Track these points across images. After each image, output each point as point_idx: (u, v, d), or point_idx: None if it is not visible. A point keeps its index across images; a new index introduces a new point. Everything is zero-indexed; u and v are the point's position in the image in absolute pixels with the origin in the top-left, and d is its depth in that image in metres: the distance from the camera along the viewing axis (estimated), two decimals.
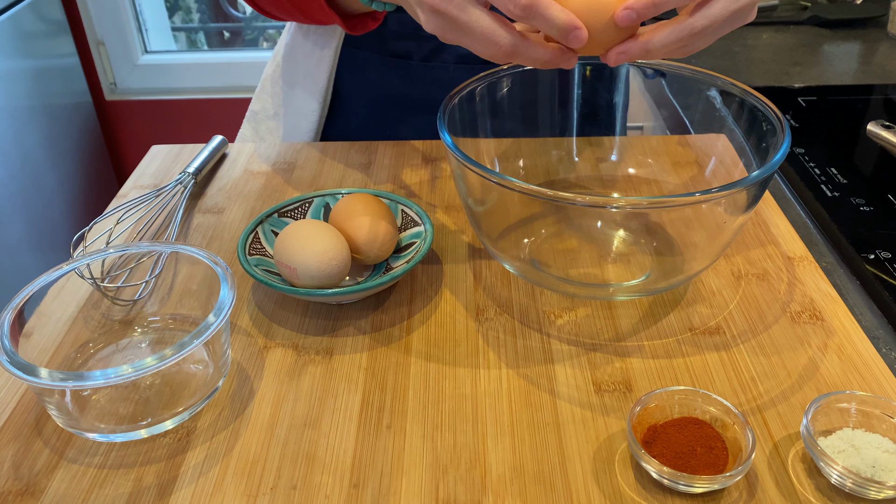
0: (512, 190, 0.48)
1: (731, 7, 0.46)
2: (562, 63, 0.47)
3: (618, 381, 0.49)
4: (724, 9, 0.46)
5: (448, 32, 0.46)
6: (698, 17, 0.46)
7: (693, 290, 0.57)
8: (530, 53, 0.46)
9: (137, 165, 0.76)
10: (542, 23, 0.43)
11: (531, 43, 0.45)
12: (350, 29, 0.65)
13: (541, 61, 0.46)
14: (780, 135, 0.53)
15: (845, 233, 0.68)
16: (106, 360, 0.51)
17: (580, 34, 0.44)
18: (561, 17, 0.43)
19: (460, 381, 0.49)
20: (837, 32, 1.15)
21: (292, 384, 0.50)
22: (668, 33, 0.46)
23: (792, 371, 0.50)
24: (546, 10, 0.43)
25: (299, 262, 0.53)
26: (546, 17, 0.43)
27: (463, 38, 0.46)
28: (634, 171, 0.69)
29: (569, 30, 0.44)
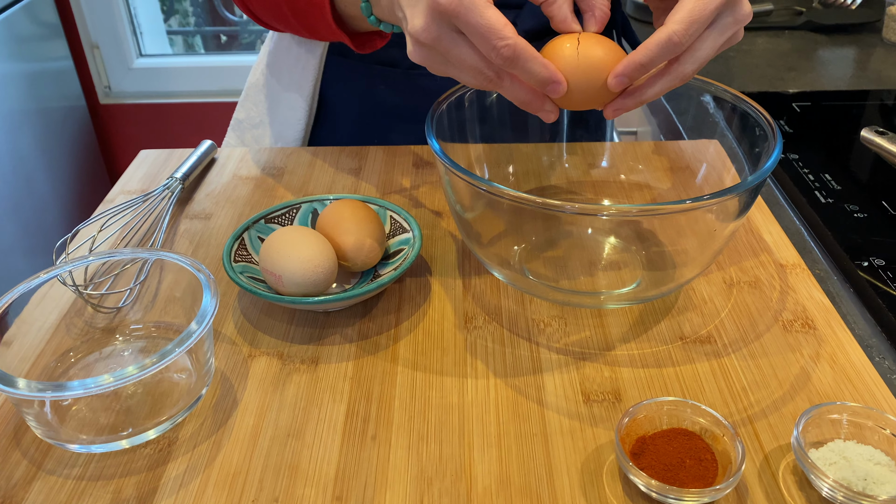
0: (500, 198, 0.47)
1: (719, 42, 0.46)
2: (541, 113, 0.48)
3: (607, 390, 0.49)
4: (712, 48, 0.46)
5: (436, 65, 0.47)
6: (688, 63, 0.46)
7: (684, 297, 0.56)
8: (513, 91, 0.47)
9: (128, 168, 0.75)
10: (523, 74, 0.45)
11: (516, 81, 0.47)
12: (358, 47, 0.65)
13: (520, 101, 0.47)
14: (771, 141, 0.52)
15: (839, 240, 0.67)
16: (87, 369, 0.51)
17: (558, 87, 0.45)
18: (541, 70, 0.44)
19: (447, 390, 0.48)
20: (832, 38, 1.15)
21: (276, 394, 0.49)
22: (661, 85, 0.47)
23: (783, 381, 0.49)
24: (527, 62, 0.44)
25: (284, 269, 0.52)
26: (526, 69, 0.44)
27: (450, 70, 0.47)
28: (625, 177, 0.69)
29: (547, 82, 0.45)
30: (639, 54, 0.44)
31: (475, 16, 0.43)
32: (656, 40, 0.44)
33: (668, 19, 0.44)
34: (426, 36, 0.45)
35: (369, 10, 0.56)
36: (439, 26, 0.44)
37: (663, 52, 0.44)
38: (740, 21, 0.47)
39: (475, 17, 0.43)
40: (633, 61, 0.45)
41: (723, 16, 0.46)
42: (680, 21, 0.44)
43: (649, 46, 0.44)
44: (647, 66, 0.45)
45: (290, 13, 0.66)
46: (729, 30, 0.46)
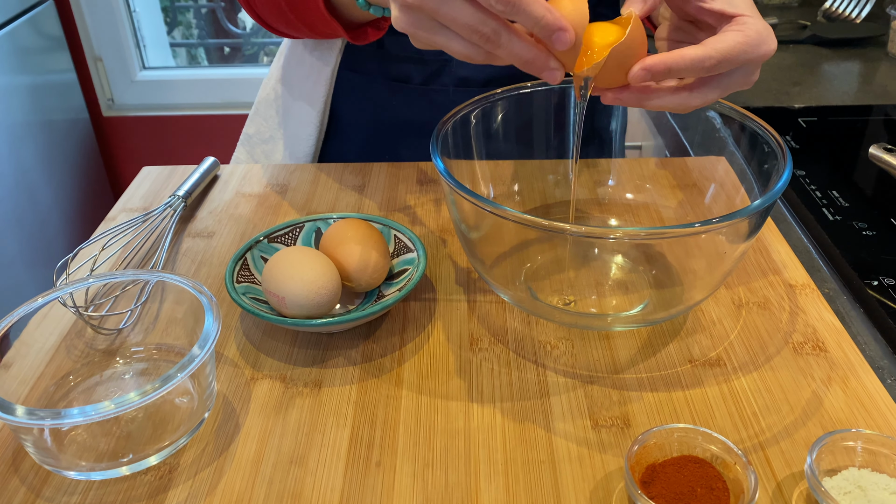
0: (506, 219, 0.47)
1: (724, 92, 0.48)
2: (545, 72, 0.44)
3: (615, 415, 0.48)
4: (718, 94, 0.48)
5: (424, 31, 0.43)
6: (696, 97, 0.47)
7: (693, 319, 0.56)
8: (513, 48, 0.42)
9: (128, 187, 0.75)
10: (527, 20, 0.41)
11: (515, 36, 0.43)
12: (353, 39, 0.65)
13: (522, 59, 0.43)
14: (781, 161, 0.52)
15: (848, 258, 0.67)
16: (87, 393, 0.50)
17: (564, 36, 0.42)
18: (546, 14, 0.41)
19: (452, 415, 0.48)
20: (837, 52, 1.14)
21: (279, 418, 0.48)
22: (665, 101, 0.47)
23: (795, 405, 0.48)
24: (530, 5, 0.40)
25: (287, 290, 0.51)
26: (530, 13, 0.41)
27: (438, 37, 0.43)
28: (633, 195, 0.68)
29: (553, 29, 0.41)
30: (671, 59, 0.45)
31: None
32: (692, 55, 0.45)
33: (707, 43, 0.45)
34: (403, 25, 0.43)
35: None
36: None
37: (693, 68, 0.45)
38: (748, 84, 0.49)
39: None
40: (664, 62, 0.45)
41: (742, 71, 0.47)
42: (718, 51, 0.45)
43: (684, 57, 0.45)
44: (674, 72, 0.45)
45: (287, 8, 0.66)
46: (737, 86, 0.48)
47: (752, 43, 0.46)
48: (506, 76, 0.78)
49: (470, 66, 0.77)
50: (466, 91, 0.78)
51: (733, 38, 0.45)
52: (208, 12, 2.12)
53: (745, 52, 0.46)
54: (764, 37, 0.47)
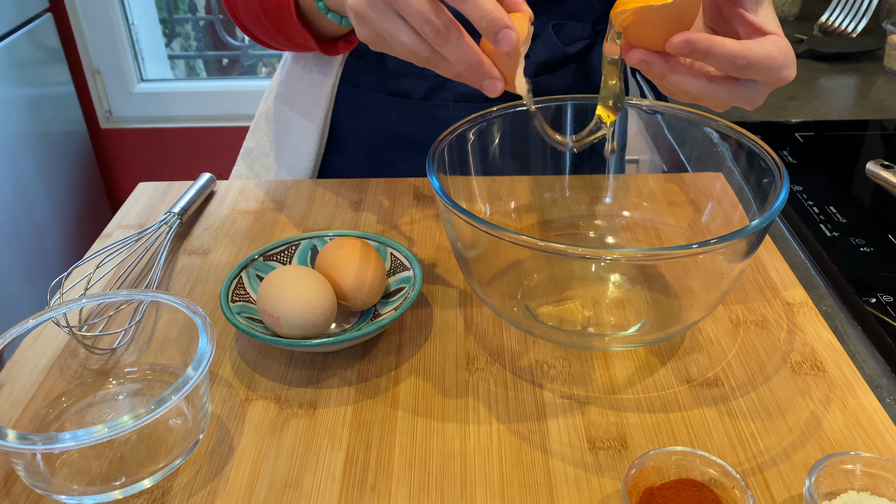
0: (501, 239, 0.46)
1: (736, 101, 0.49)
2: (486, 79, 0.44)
3: (613, 437, 0.47)
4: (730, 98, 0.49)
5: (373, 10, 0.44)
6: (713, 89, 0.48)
7: (690, 337, 0.55)
8: (461, 47, 0.43)
9: (126, 199, 0.75)
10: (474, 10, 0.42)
11: (466, 37, 0.43)
12: (325, 51, 0.67)
13: (467, 61, 0.43)
14: (778, 180, 0.52)
15: (846, 275, 0.66)
16: (80, 414, 0.49)
17: (511, 34, 0.42)
18: (494, 10, 0.41)
19: (449, 437, 0.47)
20: (834, 66, 1.14)
21: (273, 440, 0.48)
22: (686, 81, 0.47)
23: (793, 427, 0.48)
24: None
25: (283, 310, 0.51)
26: (478, 4, 0.41)
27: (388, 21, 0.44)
28: (630, 213, 0.68)
29: (500, 26, 0.42)
30: (713, 43, 0.45)
31: None
32: (731, 48, 0.45)
33: (746, 44, 0.46)
34: (357, 3, 0.44)
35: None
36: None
37: (728, 59, 0.45)
38: (751, 103, 0.50)
39: None
40: (706, 43, 0.45)
41: (757, 86, 0.48)
42: (753, 55, 0.45)
43: (725, 46, 0.45)
44: (709, 57, 0.45)
45: (266, 19, 0.67)
46: (743, 101, 0.49)
47: (780, 62, 0.47)
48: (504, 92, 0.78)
49: None
50: (466, 106, 0.78)
51: (767, 50, 0.46)
52: (206, 25, 2.12)
53: (771, 68, 0.46)
54: (791, 61, 0.48)
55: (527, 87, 0.47)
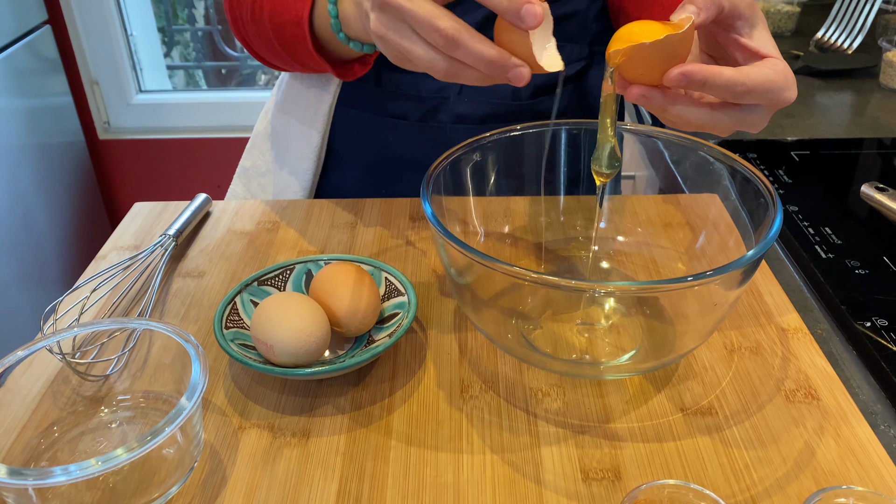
0: (493, 269, 0.46)
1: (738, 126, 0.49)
2: (511, 69, 0.44)
3: (606, 467, 0.47)
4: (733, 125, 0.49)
5: (392, 31, 0.46)
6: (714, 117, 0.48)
7: (685, 364, 0.55)
8: (475, 45, 0.44)
9: (124, 210, 0.74)
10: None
11: (479, 35, 0.44)
12: (340, 75, 0.66)
13: (486, 57, 0.44)
14: (771, 209, 0.52)
15: (841, 298, 0.66)
16: (73, 443, 0.49)
17: (533, 8, 0.42)
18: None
19: (442, 467, 0.47)
20: (829, 82, 1.15)
21: (266, 469, 0.48)
22: (687, 112, 0.48)
23: (787, 457, 0.48)
24: None
25: (276, 338, 0.51)
26: None
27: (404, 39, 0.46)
28: (625, 236, 0.68)
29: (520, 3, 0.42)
30: (709, 73, 0.45)
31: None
32: (728, 76, 0.45)
33: (744, 70, 0.46)
34: (377, 26, 0.46)
35: (338, 26, 0.58)
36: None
37: (726, 88, 0.46)
38: (755, 127, 0.50)
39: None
40: (703, 74, 0.45)
41: (759, 110, 0.48)
42: (752, 81, 0.46)
43: (722, 75, 0.45)
44: (707, 87, 0.46)
45: (280, 46, 0.67)
46: (745, 125, 0.49)
47: (780, 85, 0.47)
48: (501, 113, 0.78)
49: (467, 103, 0.78)
50: (463, 128, 0.78)
51: (766, 74, 0.46)
52: (205, 35, 2.13)
53: (772, 91, 0.46)
54: (790, 82, 0.48)
55: (562, 61, 0.47)
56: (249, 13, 0.68)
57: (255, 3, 0.67)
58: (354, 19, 0.55)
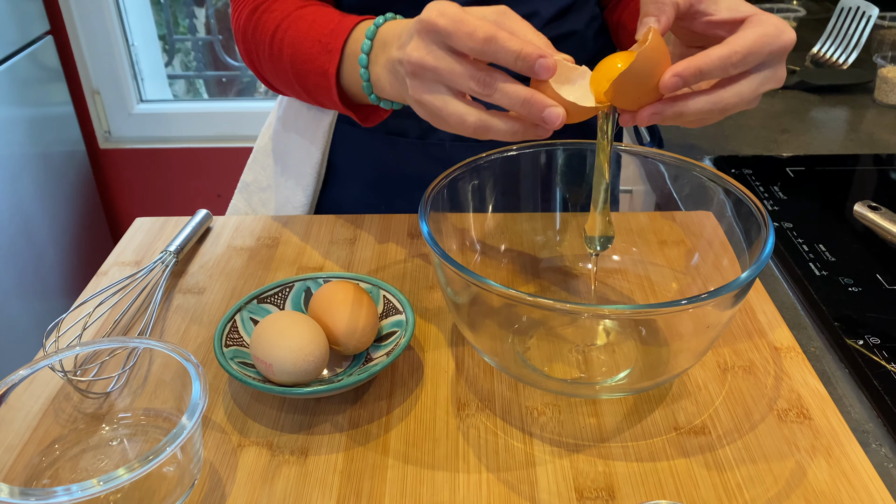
0: (489, 292, 0.47)
1: (758, 89, 0.48)
2: (545, 108, 0.47)
3: (600, 486, 0.48)
4: (752, 90, 0.48)
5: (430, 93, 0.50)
6: (730, 92, 0.48)
7: (679, 383, 0.56)
8: (508, 87, 0.47)
9: (124, 219, 0.75)
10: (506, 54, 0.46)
11: (508, 81, 0.47)
12: (363, 121, 0.66)
13: (521, 97, 0.47)
14: (764, 231, 0.52)
15: (834, 316, 0.67)
16: (74, 461, 0.50)
17: (546, 62, 0.45)
18: (524, 46, 0.46)
19: (438, 487, 0.48)
20: (825, 98, 1.16)
21: (265, 488, 0.48)
22: (702, 103, 0.48)
23: (779, 477, 0.48)
24: (504, 41, 0.46)
25: (275, 358, 0.51)
26: (505, 48, 0.46)
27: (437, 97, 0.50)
28: (621, 254, 0.68)
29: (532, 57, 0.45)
30: (699, 60, 0.46)
31: (451, 17, 0.47)
32: (718, 53, 0.46)
33: (729, 41, 0.47)
34: (416, 53, 0.49)
35: (370, 89, 0.59)
36: (427, 41, 0.48)
37: (721, 66, 0.46)
38: (778, 80, 0.49)
39: (451, 18, 0.47)
40: (693, 65, 0.46)
41: (769, 64, 0.48)
42: (742, 46, 0.46)
43: (710, 56, 0.46)
44: (705, 73, 0.46)
45: (301, 88, 0.68)
46: (769, 83, 0.49)
47: (772, 34, 0.47)
48: None
49: None
50: (462, 145, 0.79)
51: (753, 33, 0.47)
52: (205, 44, 2.14)
53: (768, 44, 0.47)
54: (781, 28, 0.48)
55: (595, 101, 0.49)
56: (267, 52, 0.68)
57: (274, 45, 0.67)
58: (389, 84, 0.56)
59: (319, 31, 0.62)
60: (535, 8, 0.73)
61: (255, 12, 0.69)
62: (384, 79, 0.56)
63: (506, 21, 0.49)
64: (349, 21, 0.62)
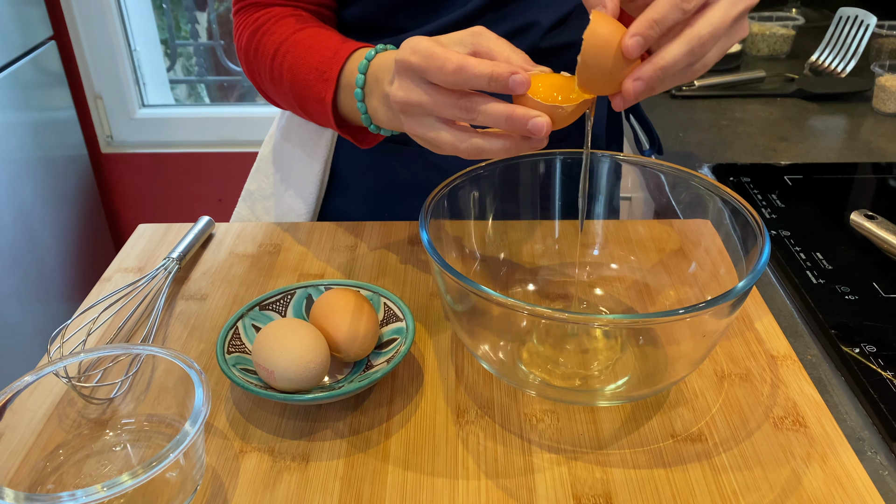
0: (488, 301, 0.48)
1: (730, 13, 0.47)
2: (529, 120, 0.48)
3: (598, 493, 0.48)
4: (724, 14, 0.47)
5: (420, 124, 0.53)
6: (701, 23, 0.47)
7: (676, 391, 0.57)
8: (491, 107, 0.49)
9: (125, 223, 0.76)
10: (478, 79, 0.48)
11: (489, 101, 0.49)
12: (360, 143, 0.68)
13: (505, 114, 0.49)
14: (760, 240, 0.53)
15: (830, 324, 0.68)
16: (78, 466, 0.51)
17: (518, 77, 0.47)
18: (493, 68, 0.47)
19: (438, 493, 0.48)
20: (823, 106, 1.17)
21: (267, 493, 0.49)
22: (677, 46, 0.47)
23: (774, 484, 0.49)
24: (474, 67, 0.48)
25: (277, 365, 0.52)
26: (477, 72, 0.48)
27: (430, 130, 0.53)
28: (619, 262, 0.69)
29: (504, 77, 0.47)
30: (649, 11, 0.46)
31: (422, 53, 0.49)
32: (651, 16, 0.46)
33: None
34: (400, 93, 0.51)
35: (369, 120, 0.61)
36: (406, 79, 0.51)
37: (674, 8, 0.45)
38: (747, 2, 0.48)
39: (422, 54, 0.49)
40: (646, 17, 0.45)
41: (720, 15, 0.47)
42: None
43: (659, 3, 0.46)
44: (660, 22, 0.45)
45: (301, 109, 0.69)
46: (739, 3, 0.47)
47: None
48: None
49: None
50: None
51: None
52: (207, 50, 2.15)
53: None
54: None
55: None
56: (268, 74, 0.69)
57: (274, 68, 0.68)
58: (385, 116, 0.58)
59: (317, 59, 0.64)
60: (535, 18, 0.74)
61: (255, 34, 0.70)
62: (381, 112, 0.58)
63: (481, 41, 0.50)
64: (344, 50, 0.63)
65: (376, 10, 0.74)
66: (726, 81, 1.22)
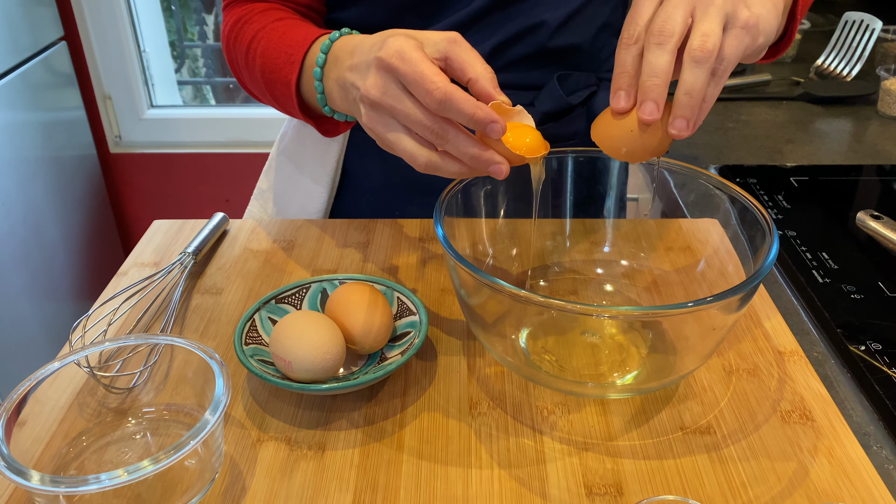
0: (501, 293, 0.49)
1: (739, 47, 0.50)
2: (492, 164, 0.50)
3: (609, 483, 0.49)
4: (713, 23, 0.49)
5: (384, 128, 0.52)
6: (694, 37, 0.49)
7: (685, 385, 0.58)
8: (459, 145, 0.50)
9: (133, 223, 0.77)
10: (458, 116, 0.49)
11: (460, 134, 0.50)
12: (323, 132, 0.69)
13: (468, 155, 0.50)
14: (768, 237, 0.54)
15: (837, 322, 0.69)
16: (99, 453, 0.52)
17: (497, 126, 0.49)
18: (474, 109, 0.48)
19: (452, 481, 0.49)
20: (829, 109, 1.18)
21: (284, 481, 0.50)
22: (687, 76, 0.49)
23: (782, 476, 0.50)
24: (459, 103, 0.48)
25: (294, 355, 0.53)
26: (460, 110, 0.48)
27: (391, 133, 0.52)
28: (628, 259, 0.70)
29: (484, 122, 0.48)
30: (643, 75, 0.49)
31: (411, 66, 0.49)
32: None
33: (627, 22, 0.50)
34: (375, 91, 0.51)
35: (324, 101, 0.61)
36: (385, 80, 0.50)
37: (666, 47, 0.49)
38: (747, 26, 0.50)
39: (411, 67, 0.48)
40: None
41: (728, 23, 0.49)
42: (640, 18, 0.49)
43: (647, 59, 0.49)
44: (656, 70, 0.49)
45: (271, 97, 0.70)
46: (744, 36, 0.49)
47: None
48: None
49: None
50: None
51: None
52: (214, 51, 2.16)
53: None
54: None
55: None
56: (243, 61, 0.70)
57: (249, 54, 0.69)
58: (339, 98, 0.58)
59: (287, 43, 0.65)
60: (541, 17, 0.75)
61: (237, 23, 0.71)
62: (335, 93, 0.59)
63: (456, 50, 0.51)
64: (315, 33, 0.64)
65: (381, 13, 0.74)
66: (732, 84, 1.23)
